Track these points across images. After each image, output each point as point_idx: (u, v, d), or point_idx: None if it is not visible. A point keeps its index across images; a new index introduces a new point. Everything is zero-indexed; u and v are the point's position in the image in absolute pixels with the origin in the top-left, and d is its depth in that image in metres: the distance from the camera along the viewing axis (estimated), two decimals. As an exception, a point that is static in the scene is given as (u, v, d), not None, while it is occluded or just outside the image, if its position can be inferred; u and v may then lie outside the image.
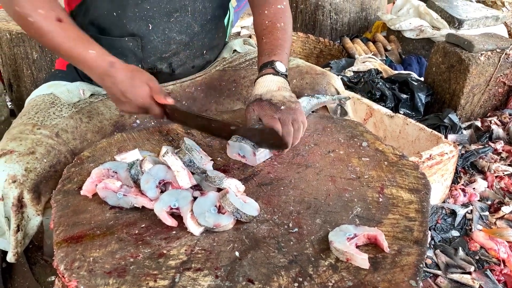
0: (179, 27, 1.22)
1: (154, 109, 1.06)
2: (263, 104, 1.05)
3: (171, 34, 1.21)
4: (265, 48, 1.19)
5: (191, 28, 1.24)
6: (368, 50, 3.15)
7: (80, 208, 0.87)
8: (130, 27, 1.15)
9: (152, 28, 1.18)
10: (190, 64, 1.32)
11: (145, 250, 0.77)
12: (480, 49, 2.24)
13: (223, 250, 0.77)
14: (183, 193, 0.85)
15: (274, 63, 1.13)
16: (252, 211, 0.84)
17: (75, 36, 1.04)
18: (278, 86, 1.09)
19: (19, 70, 2.10)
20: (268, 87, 1.09)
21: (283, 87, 1.10)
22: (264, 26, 1.24)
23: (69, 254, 0.76)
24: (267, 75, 1.11)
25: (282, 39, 1.21)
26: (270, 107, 1.04)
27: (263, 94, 1.07)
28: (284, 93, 1.08)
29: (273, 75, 1.11)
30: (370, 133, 1.16)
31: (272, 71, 1.12)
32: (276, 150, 1.06)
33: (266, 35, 1.22)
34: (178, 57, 1.27)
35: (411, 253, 0.78)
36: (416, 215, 0.88)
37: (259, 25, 1.26)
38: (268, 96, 1.06)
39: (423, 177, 0.99)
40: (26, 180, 1.00)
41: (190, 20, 1.22)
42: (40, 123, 1.10)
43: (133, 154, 0.97)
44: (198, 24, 1.25)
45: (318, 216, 0.86)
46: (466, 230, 1.72)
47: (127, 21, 1.14)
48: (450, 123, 2.13)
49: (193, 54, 1.31)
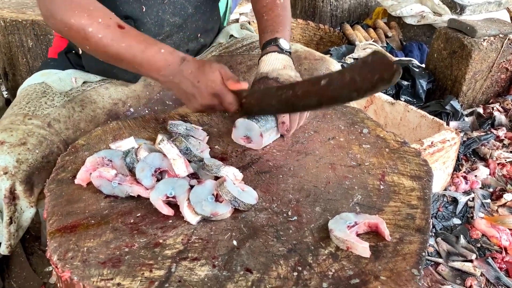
0: (173, 9, 1.19)
1: (227, 97, 0.97)
2: (270, 83, 1.04)
3: (165, 16, 1.18)
4: (267, 25, 1.18)
5: (184, 10, 1.21)
6: (369, 36, 3.11)
7: (74, 197, 0.85)
8: (124, 10, 1.12)
9: (146, 10, 1.15)
10: (184, 47, 1.29)
11: (141, 239, 0.75)
12: (482, 35, 2.21)
13: (220, 239, 0.76)
14: (180, 181, 0.83)
15: (277, 40, 1.12)
16: (250, 200, 0.82)
17: (141, 39, 0.98)
18: (284, 65, 1.08)
19: (14, 59, 2.07)
20: (273, 65, 1.08)
21: (289, 66, 1.09)
22: (264, 3, 1.22)
23: (62, 244, 0.74)
24: (272, 53, 1.10)
25: (283, 16, 1.20)
26: None
27: (269, 73, 1.06)
28: (290, 72, 1.07)
29: (278, 53, 1.10)
30: (371, 120, 1.14)
31: (276, 48, 1.11)
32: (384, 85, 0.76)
33: (266, 12, 1.20)
34: (172, 40, 1.24)
35: (413, 241, 0.76)
36: (418, 202, 0.86)
37: (259, 2, 1.24)
38: (275, 74, 1.05)
39: (425, 164, 0.97)
40: (18, 171, 0.98)
41: (183, 1, 1.20)
42: (31, 113, 1.08)
43: (129, 142, 0.94)
44: (192, 5, 1.22)
45: (318, 204, 0.84)
46: (467, 218, 1.70)
47: (120, 3, 1.11)
48: (451, 110, 2.10)
49: (187, 37, 1.28)
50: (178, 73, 0.96)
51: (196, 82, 0.96)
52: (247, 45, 1.43)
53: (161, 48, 0.97)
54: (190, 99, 0.99)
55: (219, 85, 0.97)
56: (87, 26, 0.95)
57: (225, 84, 0.97)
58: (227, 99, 0.97)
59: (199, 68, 0.97)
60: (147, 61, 0.96)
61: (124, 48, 0.96)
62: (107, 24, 0.96)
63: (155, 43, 0.98)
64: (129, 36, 0.97)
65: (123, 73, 1.21)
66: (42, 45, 2.05)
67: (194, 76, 0.96)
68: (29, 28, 1.99)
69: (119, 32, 0.97)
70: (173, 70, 0.96)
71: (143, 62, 0.97)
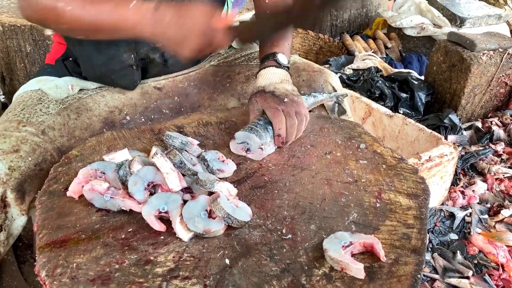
0: None
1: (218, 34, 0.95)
2: (266, 96, 1.05)
3: None
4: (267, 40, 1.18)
5: None
6: (368, 47, 3.11)
7: (66, 210, 0.83)
8: None
9: None
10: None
11: (131, 256, 0.74)
12: (482, 49, 2.21)
13: (212, 257, 0.74)
14: (173, 196, 0.82)
15: (276, 55, 1.13)
16: (244, 216, 0.80)
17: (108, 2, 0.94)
18: (281, 79, 1.09)
19: (12, 63, 2.06)
20: (270, 79, 1.09)
21: (286, 80, 1.10)
22: None
23: (51, 259, 0.72)
24: (270, 68, 1.11)
25: None
26: (273, 99, 1.03)
27: (265, 86, 1.07)
28: (287, 86, 1.08)
29: (276, 67, 1.11)
30: (368, 135, 1.13)
31: (274, 63, 1.12)
32: None
33: None
34: None
35: (408, 262, 0.75)
36: (414, 222, 0.85)
37: None
38: (271, 88, 1.06)
39: (422, 182, 0.96)
40: (10, 179, 0.97)
41: None
42: (25, 120, 1.07)
43: (122, 154, 0.93)
44: None
45: (313, 221, 0.83)
46: (464, 234, 1.69)
47: None
48: (450, 124, 2.10)
49: None
50: (157, 23, 0.93)
51: (180, 27, 0.93)
52: (245, 56, 1.42)
53: (130, 2, 0.93)
54: (180, 46, 0.96)
55: (206, 23, 0.94)
56: (57, 1, 0.92)
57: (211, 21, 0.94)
58: (218, 34, 0.95)
59: (179, 12, 0.93)
60: (119, 19, 0.94)
61: (95, 15, 0.94)
62: None
63: (121, 1, 0.94)
64: (98, 1, 0.94)
65: (120, 80, 1.20)
66: (40, 50, 2.04)
67: (177, 21, 0.93)
68: (27, 33, 1.98)
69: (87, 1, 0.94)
70: (148, 21, 0.93)
71: (117, 22, 0.94)
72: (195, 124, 1.14)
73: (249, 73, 1.37)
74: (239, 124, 1.13)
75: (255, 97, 1.06)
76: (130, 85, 1.23)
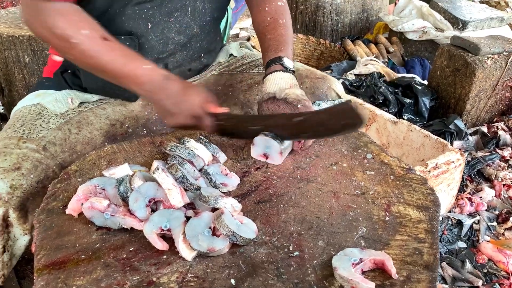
0: (178, 27, 1.17)
1: (205, 120, 1.01)
2: (279, 103, 1.04)
3: (170, 34, 1.17)
4: (270, 44, 1.17)
5: (190, 29, 1.20)
6: (370, 52, 3.09)
7: (65, 229, 0.81)
8: (129, 26, 1.10)
9: (151, 27, 1.13)
10: (187, 66, 1.27)
11: (133, 277, 0.71)
12: (486, 52, 2.18)
13: (217, 277, 0.71)
14: (175, 213, 0.79)
15: (282, 59, 1.12)
16: (250, 234, 0.77)
17: (125, 53, 1.00)
18: (290, 84, 1.08)
19: (11, 74, 2.04)
20: (279, 84, 1.08)
21: (294, 84, 1.09)
22: (266, 22, 1.22)
23: (50, 282, 0.70)
24: (277, 72, 1.10)
25: (286, 35, 1.20)
26: (287, 106, 1.03)
27: (276, 93, 1.06)
28: (297, 91, 1.07)
29: (283, 71, 1.10)
30: (374, 144, 1.10)
31: (280, 67, 1.11)
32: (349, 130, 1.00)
33: (269, 31, 1.20)
34: (175, 58, 1.22)
35: (421, 279, 0.72)
36: (425, 235, 0.82)
37: (261, 22, 1.24)
38: (282, 94, 1.05)
39: (432, 193, 0.93)
40: (12, 198, 0.94)
41: (189, 20, 1.18)
42: (26, 136, 1.04)
43: (123, 169, 0.91)
44: (197, 25, 1.21)
45: (321, 237, 0.80)
46: (473, 242, 1.66)
47: (125, 19, 1.09)
48: (455, 129, 2.07)
49: (190, 56, 1.26)
50: (160, 90, 0.99)
51: (178, 102, 0.99)
52: (247, 64, 1.40)
53: (144, 64, 0.99)
54: (169, 116, 1.02)
55: (200, 108, 1.00)
56: (72, 37, 0.95)
57: (205, 106, 1.00)
58: (205, 121, 1.01)
59: (183, 89, 1.00)
60: (128, 75, 0.99)
61: (107, 61, 0.98)
62: (92, 36, 0.97)
63: (137, 58, 1.01)
64: (113, 50, 0.99)
65: (122, 92, 1.18)
66: (38, 61, 2.02)
67: (177, 96, 0.99)
68: (25, 43, 1.97)
69: (104, 45, 0.98)
70: (155, 86, 0.99)
71: (125, 75, 0.99)
72: (196, 135, 1.12)
73: (251, 81, 1.35)
74: None
75: (267, 104, 1.06)
76: (132, 96, 1.21)
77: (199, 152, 0.98)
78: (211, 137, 1.09)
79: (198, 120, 1.00)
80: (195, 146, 0.98)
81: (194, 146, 0.98)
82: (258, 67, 1.39)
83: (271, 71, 1.11)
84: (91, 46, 0.96)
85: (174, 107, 0.99)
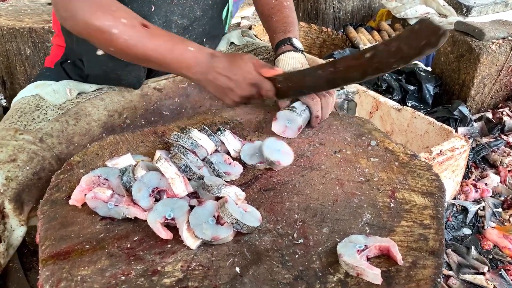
0: (181, 10, 1.16)
1: (265, 84, 0.99)
2: None
3: (173, 17, 1.15)
4: (278, 26, 1.20)
5: (193, 12, 1.19)
6: (373, 39, 3.06)
7: (69, 219, 0.81)
8: (133, 7, 1.08)
9: (155, 10, 1.11)
10: None
11: (138, 266, 0.71)
12: (491, 37, 2.15)
13: (222, 265, 0.71)
14: (179, 202, 0.79)
15: (291, 40, 1.14)
16: (254, 222, 0.77)
17: (168, 38, 0.99)
18: (301, 63, 1.11)
19: (12, 67, 2.04)
20: (292, 64, 1.10)
21: (305, 64, 1.13)
22: (271, 5, 1.24)
23: (55, 272, 0.70)
24: (289, 52, 1.12)
25: (292, 17, 1.23)
26: None
27: None
28: None
29: (294, 51, 1.12)
30: (378, 131, 1.09)
31: (291, 47, 1.13)
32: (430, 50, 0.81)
33: (275, 13, 1.22)
34: None
35: (427, 265, 0.72)
36: (431, 221, 0.81)
37: (266, 5, 1.26)
38: None
39: (437, 179, 0.92)
40: (7, 189, 0.94)
41: (192, 3, 1.17)
42: (23, 128, 1.04)
43: (126, 159, 0.90)
44: (200, 8, 1.20)
45: (325, 224, 0.80)
46: (478, 228, 1.65)
47: (129, 2, 1.07)
48: (460, 116, 2.05)
49: (193, 40, 1.24)
50: (210, 70, 0.98)
51: (232, 76, 0.98)
52: (248, 52, 1.39)
53: (189, 45, 0.98)
54: (228, 93, 1.01)
55: (255, 74, 0.99)
56: (112, 27, 0.93)
57: (260, 71, 0.99)
58: (265, 86, 0.99)
59: (231, 62, 0.99)
60: (176, 60, 0.98)
61: (151, 49, 0.96)
62: (132, 24, 0.95)
63: (182, 41, 0.99)
64: (155, 36, 0.97)
65: (126, 76, 1.17)
66: (40, 53, 2.01)
67: (229, 70, 0.98)
68: (26, 36, 1.96)
69: (145, 32, 0.96)
70: (204, 67, 0.98)
71: (172, 61, 0.98)
72: (199, 125, 1.11)
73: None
74: (244, 124, 1.10)
75: None
76: (136, 82, 1.20)
77: (202, 142, 0.97)
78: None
79: (257, 87, 0.99)
80: (198, 136, 0.98)
81: (197, 136, 0.97)
82: (259, 56, 1.38)
83: (282, 51, 1.12)
84: (133, 35, 0.94)
85: (229, 82, 0.98)
